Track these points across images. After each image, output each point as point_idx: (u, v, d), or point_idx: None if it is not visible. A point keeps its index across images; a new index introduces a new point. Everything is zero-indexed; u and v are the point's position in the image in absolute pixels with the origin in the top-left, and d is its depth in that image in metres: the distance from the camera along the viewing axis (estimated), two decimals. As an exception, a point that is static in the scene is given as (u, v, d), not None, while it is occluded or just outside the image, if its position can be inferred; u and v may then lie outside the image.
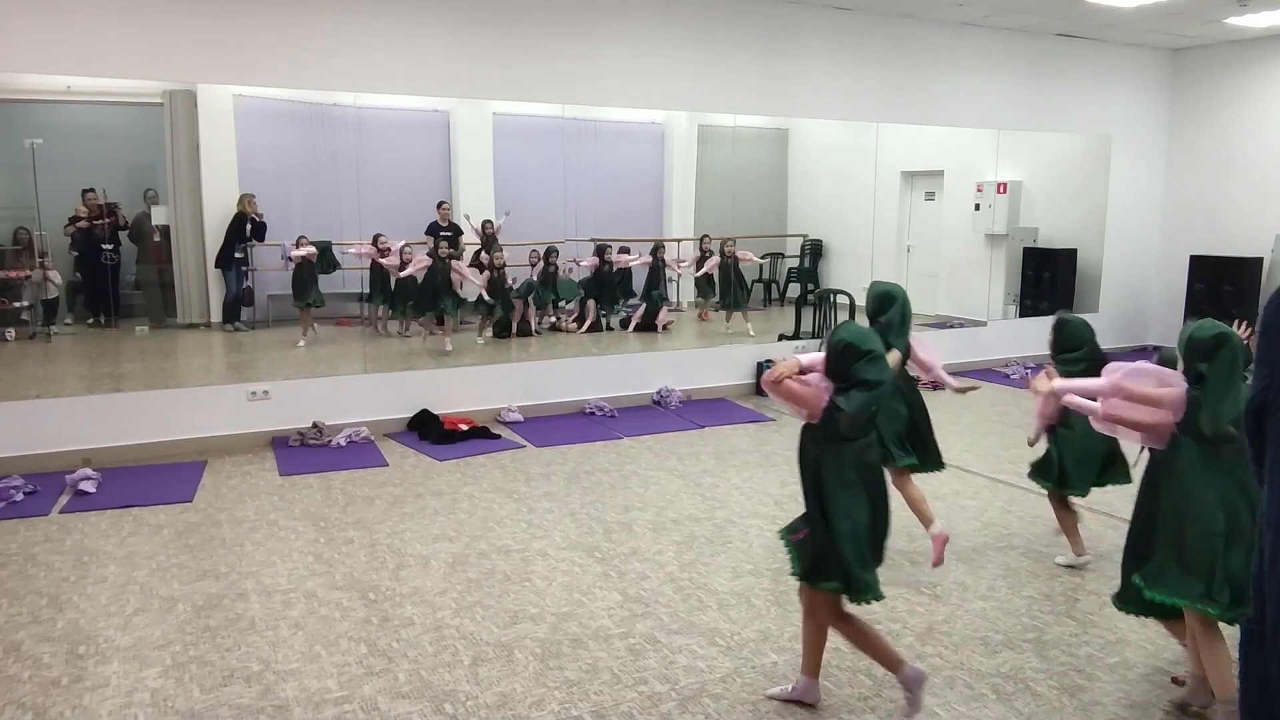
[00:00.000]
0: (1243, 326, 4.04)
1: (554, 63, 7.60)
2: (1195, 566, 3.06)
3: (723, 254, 9.54)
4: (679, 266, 10.00)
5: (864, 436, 3.13)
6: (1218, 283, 9.94)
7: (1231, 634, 3.09)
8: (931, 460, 4.82)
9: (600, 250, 9.61)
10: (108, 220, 7.72)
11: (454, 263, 8.42)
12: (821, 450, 3.15)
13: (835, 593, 3.12)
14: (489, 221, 9.12)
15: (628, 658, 3.62)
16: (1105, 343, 7.70)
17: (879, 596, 3.10)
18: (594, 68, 7.78)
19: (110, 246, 7.70)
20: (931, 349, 4.76)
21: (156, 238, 8.27)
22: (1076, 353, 4.72)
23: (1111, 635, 3.84)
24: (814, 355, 3.19)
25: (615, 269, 9.64)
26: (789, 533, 3.35)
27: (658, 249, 9.69)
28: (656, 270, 9.64)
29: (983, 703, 3.31)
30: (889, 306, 4.53)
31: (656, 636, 3.80)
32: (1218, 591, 3.00)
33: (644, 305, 9.66)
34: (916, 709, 3.14)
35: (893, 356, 4.28)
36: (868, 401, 3.05)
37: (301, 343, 8.17)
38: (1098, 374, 3.52)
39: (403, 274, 8.43)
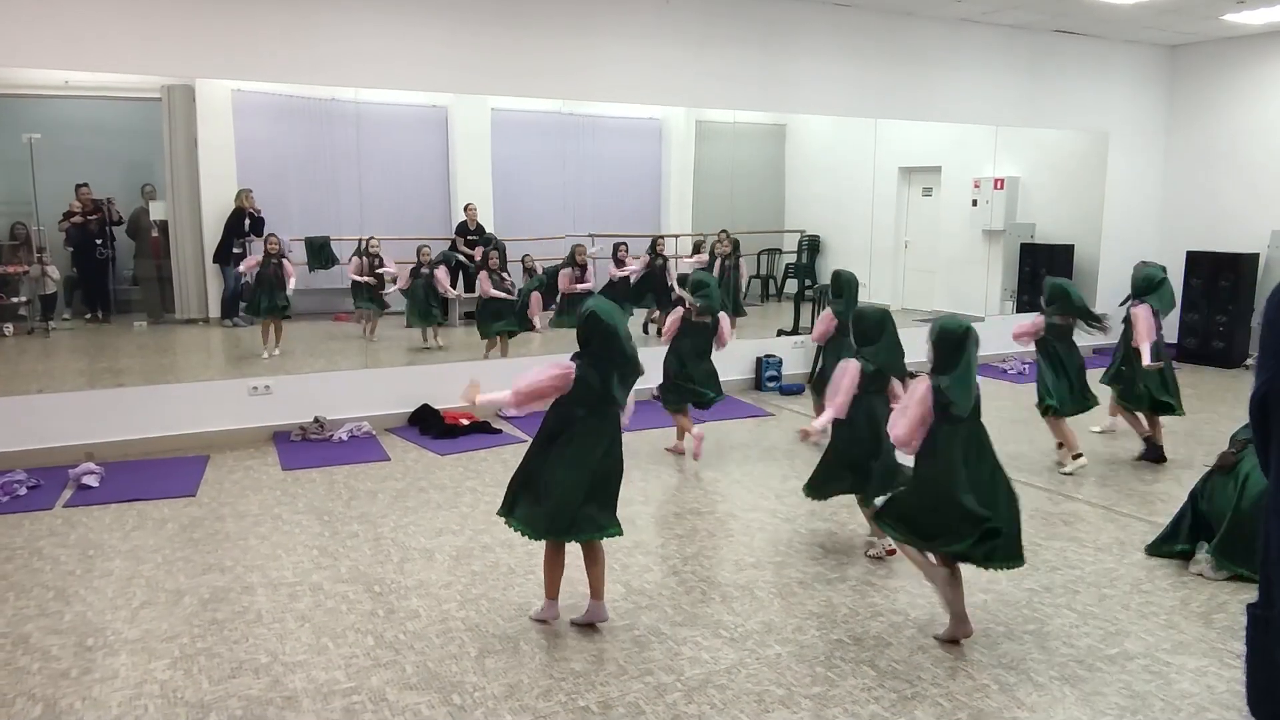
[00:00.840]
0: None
1: (552, 58, 7.61)
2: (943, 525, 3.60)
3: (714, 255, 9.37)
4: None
5: None
6: (1214, 278, 9.99)
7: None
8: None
9: (652, 246, 9.18)
10: (96, 216, 7.70)
11: (438, 273, 8.35)
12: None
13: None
14: (579, 247, 8.92)
15: (633, 649, 3.65)
16: (1101, 338, 7.75)
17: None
18: (592, 63, 7.79)
19: (101, 241, 7.69)
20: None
21: (154, 233, 8.25)
22: (1050, 307, 6.26)
23: (1111, 627, 3.88)
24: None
25: (664, 266, 9.13)
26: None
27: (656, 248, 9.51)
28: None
29: (985, 693, 3.35)
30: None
31: (661, 628, 3.83)
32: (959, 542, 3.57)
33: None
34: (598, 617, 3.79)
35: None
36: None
37: (265, 354, 7.87)
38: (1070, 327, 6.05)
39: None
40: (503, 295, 8.29)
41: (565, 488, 3.58)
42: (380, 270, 8.36)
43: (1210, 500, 4.50)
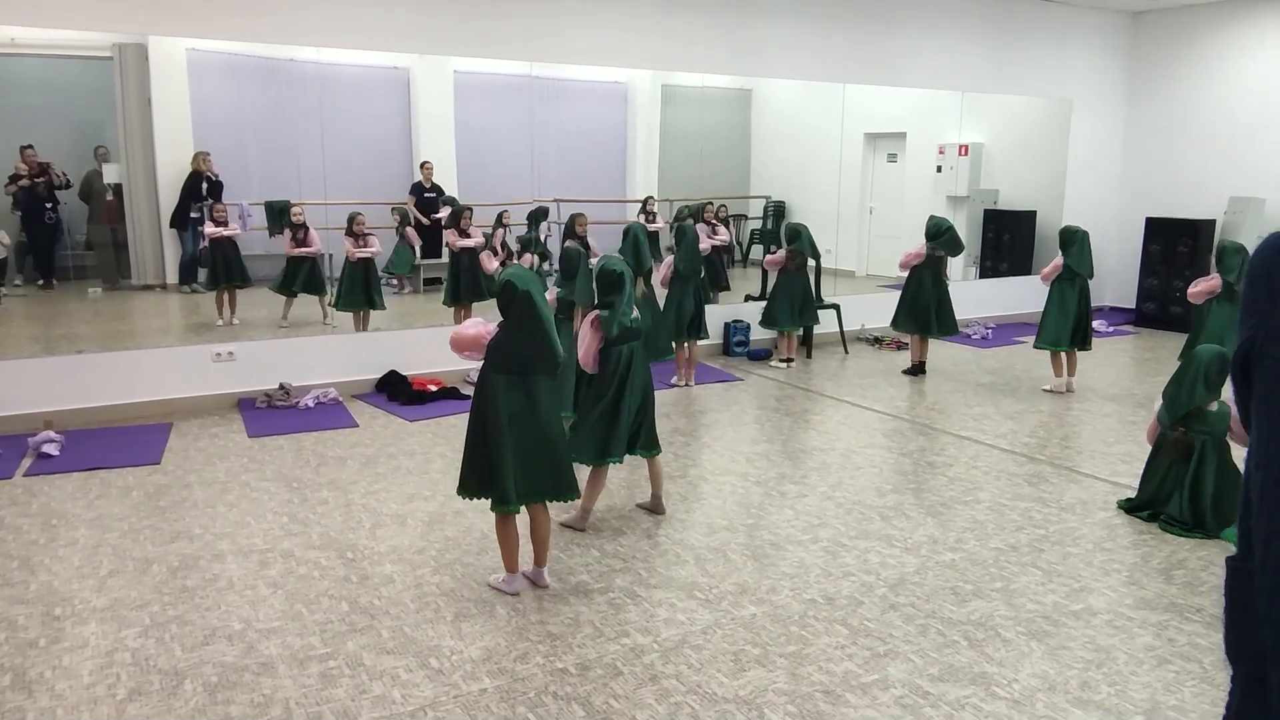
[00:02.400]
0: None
1: (516, 20, 7.48)
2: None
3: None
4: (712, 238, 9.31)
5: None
6: (1172, 244, 10.16)
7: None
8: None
9: (644, 206, 9.04)
10: (44, 180, 7.47)
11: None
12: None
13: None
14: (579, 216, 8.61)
15: (609, 611, 3.67)
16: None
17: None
18: (557, 25, 7.67)
19: (50, 205, 7.48)
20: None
21: (109, 196, 8.03)
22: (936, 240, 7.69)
23: (1076, 584, 3.97)
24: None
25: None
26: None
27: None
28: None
29: (955, 649, 3.42)
30: None
31: (636, 590, 3.86)
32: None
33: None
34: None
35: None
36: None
37: (220, 322, 7.76)
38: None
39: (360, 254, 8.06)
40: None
41: (500, 455, 3.61)
42: (306, 247, 7.98)
43: (1167, 481, 4.63)
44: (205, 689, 3.10)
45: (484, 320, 3.78)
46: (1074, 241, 7.23)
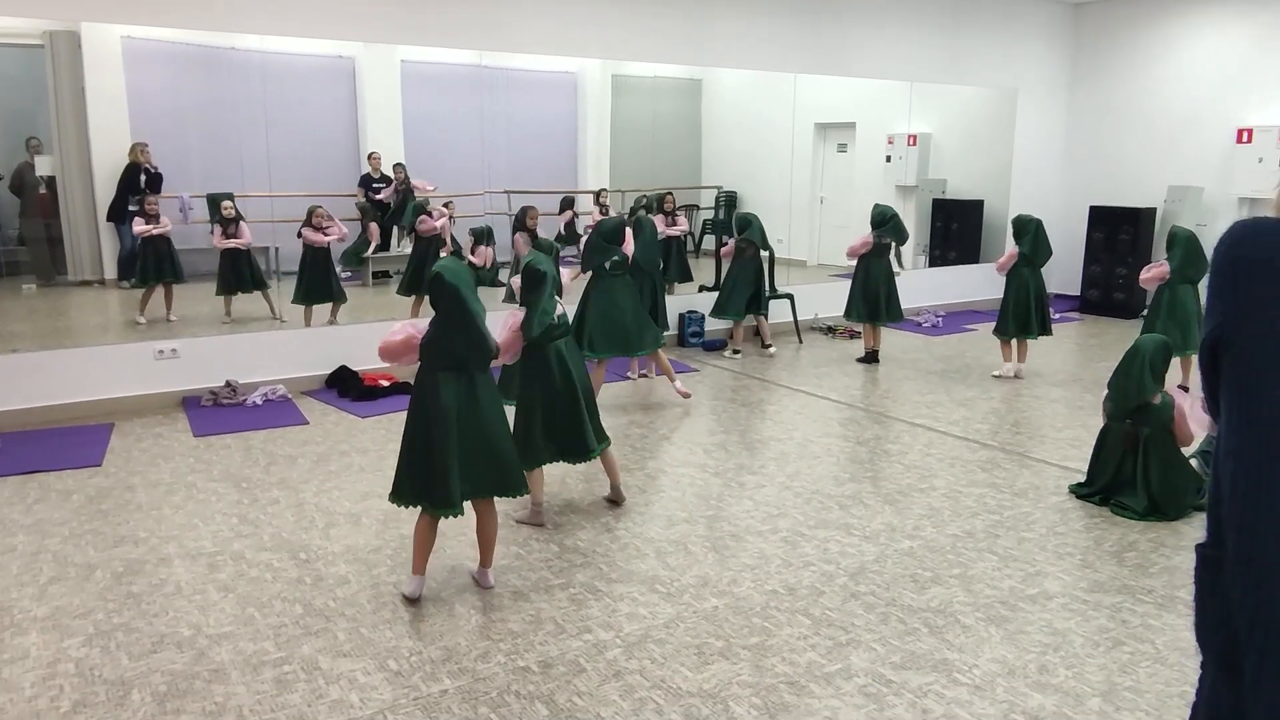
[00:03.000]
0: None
1: (464, 8, 7.37)
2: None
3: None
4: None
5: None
6: (1115, 232, 10.37)
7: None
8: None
9: (596, 198, 8.88)
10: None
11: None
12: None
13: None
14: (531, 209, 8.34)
15: (570, 608, 3.63)
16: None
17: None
18: (506, 14, 7.57)
19: None
20: None
21: (42, 189, 7.76)
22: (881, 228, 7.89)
23: (1031, 568, 4.03)
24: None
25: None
26: None
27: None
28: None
29: (916, 636, 3.44)
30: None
31: (597, 585, 3.82)
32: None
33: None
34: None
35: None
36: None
37: (140, 320, 7.43)
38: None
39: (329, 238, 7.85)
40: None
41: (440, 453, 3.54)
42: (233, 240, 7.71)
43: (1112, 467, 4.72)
44: (154, 698, 3.00)
45: (412, 321, 3.71)
46: (1027, 231, 7.39)
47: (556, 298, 4.31)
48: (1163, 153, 10.31)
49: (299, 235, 7.72)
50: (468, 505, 3.68)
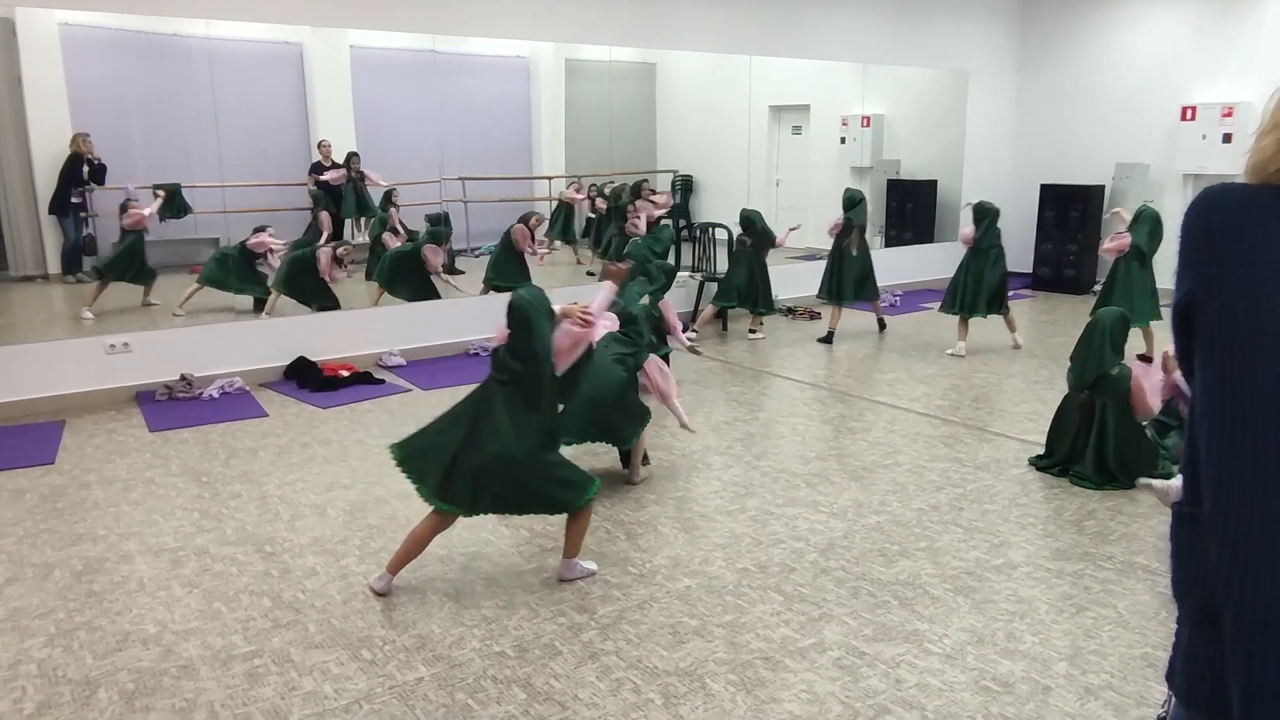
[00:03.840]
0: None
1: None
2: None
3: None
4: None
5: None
6: (1065, 209, 10.55)
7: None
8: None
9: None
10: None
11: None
12: None
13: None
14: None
15: (543, 591, 3.63)
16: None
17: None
18: (458, -4, 7.48)
19: None
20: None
21: (-22, 182, 7.51)
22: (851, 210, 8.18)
23: (995, 539, 4.10)
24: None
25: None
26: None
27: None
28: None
29: (887, 609, 3.48)
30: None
31: (569, 569, 3.82)
32: None
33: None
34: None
35: None
36: None
37: (88, 313, 7.14)
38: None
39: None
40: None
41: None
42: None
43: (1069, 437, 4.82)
44: (122, 697, 2.94)
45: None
46: (985, 217, 7.62)
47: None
48: (1110, 131, 10.50)
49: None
50: None
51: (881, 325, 8.62)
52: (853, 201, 8.22)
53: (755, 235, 8.20)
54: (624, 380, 4.50)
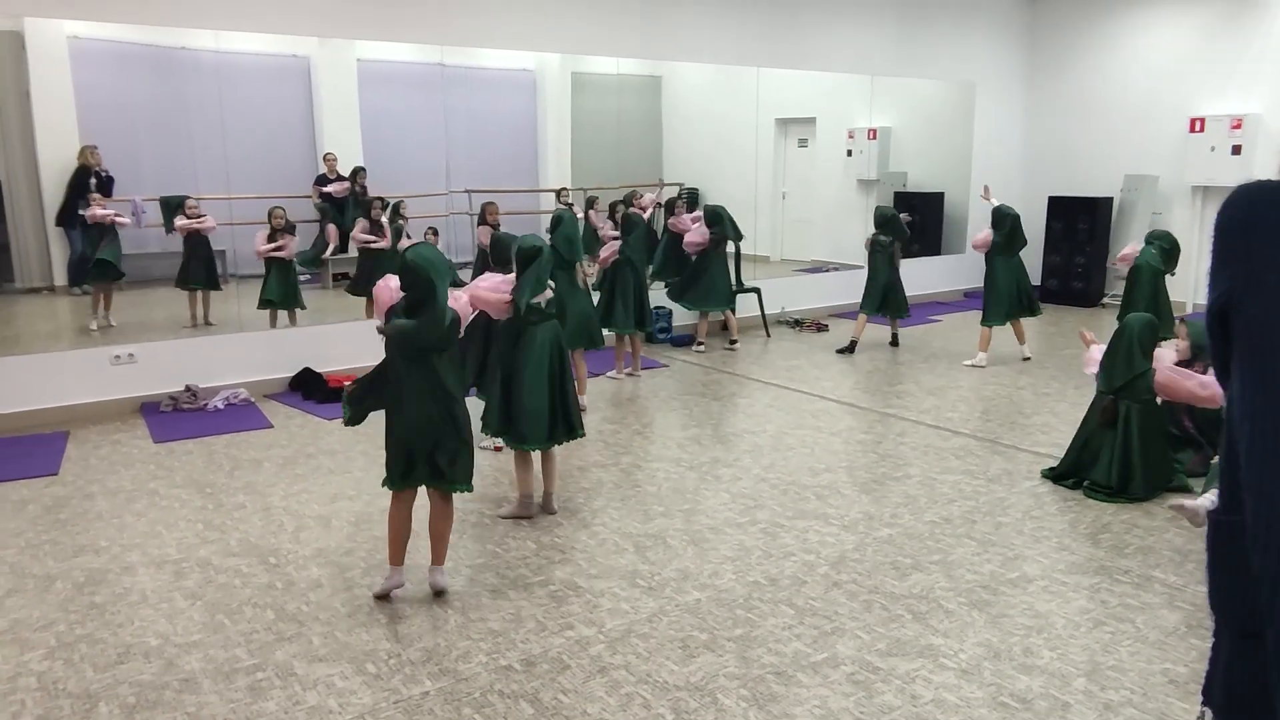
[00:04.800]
0: None
1: (421, 1, 7.26)
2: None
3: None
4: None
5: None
6: (1073, 221, 10.50)
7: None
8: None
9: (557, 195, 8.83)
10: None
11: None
12: None
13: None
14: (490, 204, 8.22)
15: (551, 605, 3.57)
16: (971, 281, 8.09)
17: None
18: (463, 8, 7.48)
19: None
20: None
21: (-15, 194, 7.51)
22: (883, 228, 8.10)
23: (1010, 552, 4.03)
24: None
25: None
26: None
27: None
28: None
29: (900, 623, 3.42)
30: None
31: (577, 582, 3.76)
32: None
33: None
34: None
35: None
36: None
37: (94, 325, 7.17)
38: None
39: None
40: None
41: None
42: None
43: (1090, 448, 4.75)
44: (123, 710, 2.89)
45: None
46: (1004, 224, 7.60)
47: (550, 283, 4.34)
48: (1118, 143, 10.46)
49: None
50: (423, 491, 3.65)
51: (894, 341, 8.54)
52: (885, 218, 8.20)
53: (726, 232, 8.14)
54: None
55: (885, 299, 8.13)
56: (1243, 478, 1.37)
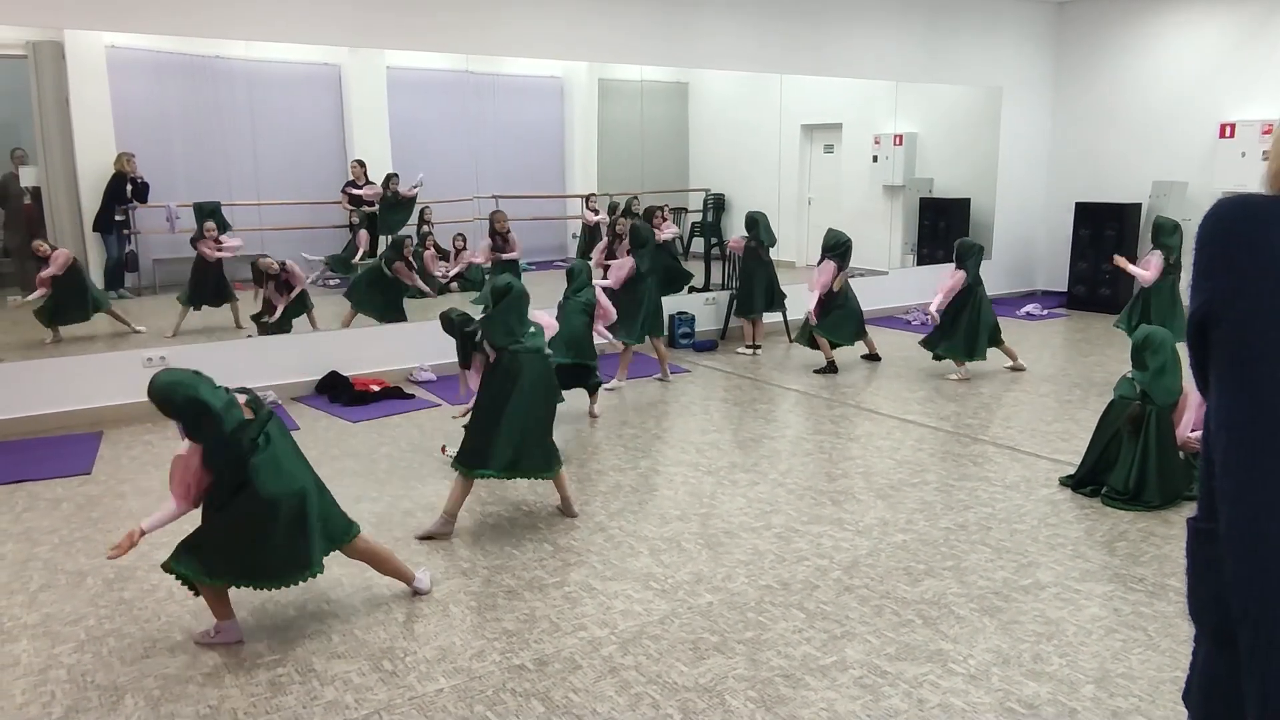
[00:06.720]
0: None
1: (451, 12, 7.38)
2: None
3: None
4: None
5: None
6: (1100, 228, 10.42)
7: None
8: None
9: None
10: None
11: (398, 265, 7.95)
12: None
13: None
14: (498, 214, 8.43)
15: (564, 605, 3.63)
16: (996, 288, 8.04)
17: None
18: (492, 17, 7.59)
19: None
20: None
21: (26, 200, 7.72)
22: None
23: (1024, 559, 4.04)
24: None
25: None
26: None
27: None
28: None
29: (911, 628, 3.44)
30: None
31: (591, 583, 3.82)
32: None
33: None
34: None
35: None
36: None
37: (141, 327, 7.32)
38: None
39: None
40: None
41: None
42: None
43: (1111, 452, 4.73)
44: (148, 703, 2.98)
45: None
46: (970, 255, 7.32)
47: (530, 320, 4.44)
48: (1147, 149, 10.37)
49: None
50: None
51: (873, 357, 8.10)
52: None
53: (760, 237, 8.42)
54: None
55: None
56: (1217, 485, 1.41)
